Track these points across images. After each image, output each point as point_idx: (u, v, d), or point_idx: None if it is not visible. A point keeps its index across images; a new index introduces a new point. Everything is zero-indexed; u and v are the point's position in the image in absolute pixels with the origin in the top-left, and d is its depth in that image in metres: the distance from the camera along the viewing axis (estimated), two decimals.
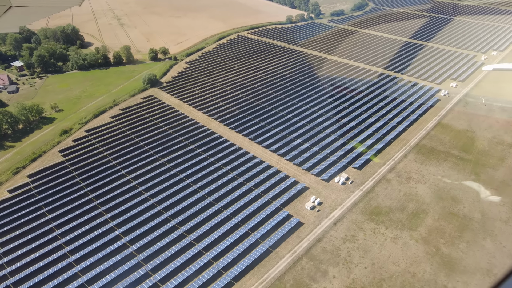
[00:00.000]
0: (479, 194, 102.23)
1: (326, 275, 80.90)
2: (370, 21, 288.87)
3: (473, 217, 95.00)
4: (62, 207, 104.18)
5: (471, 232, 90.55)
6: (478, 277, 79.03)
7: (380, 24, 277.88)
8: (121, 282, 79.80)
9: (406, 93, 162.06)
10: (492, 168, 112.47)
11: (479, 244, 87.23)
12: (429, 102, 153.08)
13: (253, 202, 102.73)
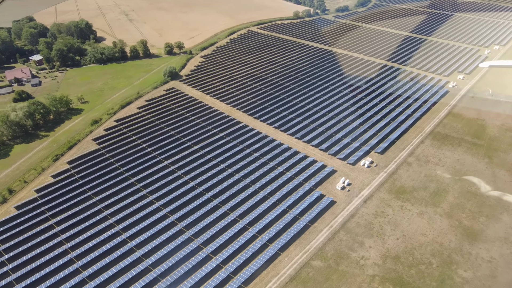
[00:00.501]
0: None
1: (362, 245, 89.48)
2: (375, 16, 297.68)
3: (489, 194, 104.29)
4: (107, 190, 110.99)
5: (489, 208, 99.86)
6: (498, 245, 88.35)
7: (384, 19, 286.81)
8: (174, 255, 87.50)
9: (417, 84, 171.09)
10: (503, 152, 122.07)
11: (496, 217, 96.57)
12: (439, 93, 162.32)
13: (287, 183, 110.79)
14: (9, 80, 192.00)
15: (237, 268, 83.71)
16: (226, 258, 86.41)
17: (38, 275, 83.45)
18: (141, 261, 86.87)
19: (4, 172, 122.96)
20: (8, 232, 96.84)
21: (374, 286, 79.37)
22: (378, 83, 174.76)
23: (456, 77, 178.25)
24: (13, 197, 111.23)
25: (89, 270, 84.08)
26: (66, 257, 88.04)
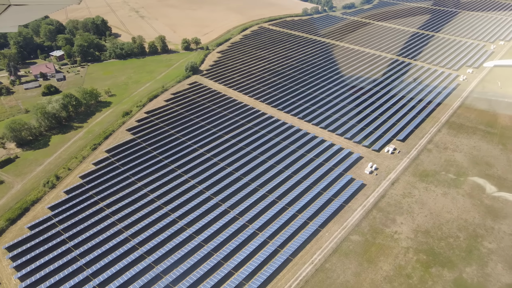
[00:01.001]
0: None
1: (394, 222, 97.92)
2: (383, 14, 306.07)
3: (507, 177, 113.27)
4: (149, 175, 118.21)
5: (507, 189, 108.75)
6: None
7: (391, 17, 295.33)
8: (224, 231, 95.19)
9: (429, 78, 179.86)
10: None
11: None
12: (451, 86, 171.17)
13: (317, 169, 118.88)
14: (35, 75, 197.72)
15: (283, 242, 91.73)
16: (272, 234, 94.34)
17: (100, 251, 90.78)
18: (211, 255, 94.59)
19: (48, 160, 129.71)
20: (62, 214, 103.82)
21: (409, 256, 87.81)
22: (392, 76, 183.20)
23: (465, 71, 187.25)
24: (60, 183, 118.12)
25: (152, 255, 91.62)
26: (122, 236, 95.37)
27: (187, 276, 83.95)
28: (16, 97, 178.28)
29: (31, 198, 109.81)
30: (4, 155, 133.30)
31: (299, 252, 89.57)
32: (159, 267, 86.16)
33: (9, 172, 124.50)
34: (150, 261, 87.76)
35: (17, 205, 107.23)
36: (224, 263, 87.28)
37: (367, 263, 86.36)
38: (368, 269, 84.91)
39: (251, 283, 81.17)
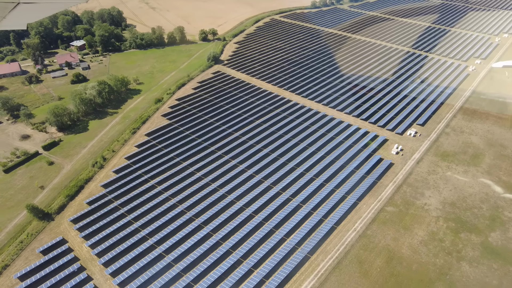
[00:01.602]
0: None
1: (423, 195, 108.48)
2: (389, 8, 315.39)
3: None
4: (192, 156, 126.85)
5: None
6: None
7: (399, 11, 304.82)
8: (270, 204, 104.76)
9: (441, 68, 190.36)
10: None
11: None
12: (461, 75, 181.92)
13: (348, 150, 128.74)
14: (60, 64, 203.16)
15: (326, 213, 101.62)
16: (314, 206, 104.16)
17: (159, 222, 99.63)
18: (262, 225, 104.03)
19: (90, 143, 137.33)
20: (116, 191, 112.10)
21: (440, 224, 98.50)
22: (407, 66, 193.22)
23: (474, 62, 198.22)
24: (107, 163, 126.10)
25: (209, 224, 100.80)
26: (177, 209, 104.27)
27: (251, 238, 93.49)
28: (46, 85, 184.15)
29: (84, 177, 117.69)
30: (48, 139, 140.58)
31: (342, 221, 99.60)
32: (215, 236, 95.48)
33: (56, 154, 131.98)
34: (209, 230, 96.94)
35: (72, 183, 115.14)
36: (276, 230, 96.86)
37: (403, 230, 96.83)
38: (405, 235, 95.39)
39: (303, 246, 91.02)
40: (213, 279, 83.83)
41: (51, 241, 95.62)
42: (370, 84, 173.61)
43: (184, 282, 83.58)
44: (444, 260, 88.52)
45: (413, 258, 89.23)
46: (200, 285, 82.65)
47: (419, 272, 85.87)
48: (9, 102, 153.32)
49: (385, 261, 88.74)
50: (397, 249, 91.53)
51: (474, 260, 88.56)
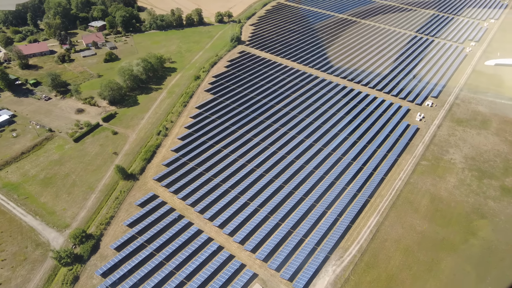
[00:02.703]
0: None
1: (448, 152, 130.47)
2: None
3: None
4: (246, 125, 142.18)
5: None
6: None
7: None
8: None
9: (442, 49, 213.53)
10: None
11: None
12: (461, 56, 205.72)
13: (379, 119, 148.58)
14: (86, 44, 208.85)
15: (375, 167, 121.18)
16: (363, 163, 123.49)
17: (236, 178, 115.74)
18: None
19: (146, 115, 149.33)
20: (187, 155, 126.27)
21: (466, 173, 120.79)
22: (413, 47, 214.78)
23: (469, 44, 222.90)
24: (170, 132, 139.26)
25: (280, 178, 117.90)
26: (247, 167, 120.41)
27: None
28: (79, 64, 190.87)
29: (153, 144, 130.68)
30: (102, 112, 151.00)
31: (388, 173, 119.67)
32: (287, 187, 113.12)
33: (116, 125, 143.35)
34: (281, 182, 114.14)
35: (144, 149, 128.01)
36: (336, 182, 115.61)
37: (438, 178, 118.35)
38: (440, 182, 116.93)
39: (363, 192, 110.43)
40: (294, 220, 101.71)
41: (144, 196, 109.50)
42: (385, 63, 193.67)
43: (272, 222, 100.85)
44: (474, 199, 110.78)
45: (450, 198, 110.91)
46: (286, 223, 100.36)
47: (457, 208, 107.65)
48: (57, 79, 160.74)
49: (429, 201, 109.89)
50: (436, 192, 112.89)
51: (496, 198, 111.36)
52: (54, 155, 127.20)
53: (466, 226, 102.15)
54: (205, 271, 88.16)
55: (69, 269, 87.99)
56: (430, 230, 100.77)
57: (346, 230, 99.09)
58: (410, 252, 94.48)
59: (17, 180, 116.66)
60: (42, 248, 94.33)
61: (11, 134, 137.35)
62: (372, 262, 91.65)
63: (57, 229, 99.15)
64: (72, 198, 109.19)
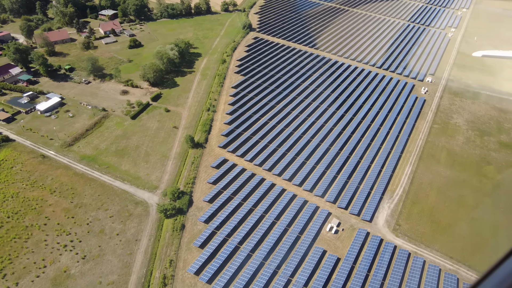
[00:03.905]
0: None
1: (452, 117, 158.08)
2: None
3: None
4: (282, 100, 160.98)
5: (508, 102, 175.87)
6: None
7: None
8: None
9: (429, 34, 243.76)
10: (500, 72, 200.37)
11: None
12: (445, 40, 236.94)
13: (392, 92, 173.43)
14: (105, 32, 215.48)
15: (399, 131, 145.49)
16: (389, 127, 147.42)
17: (279, 140, 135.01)
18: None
19: (190, 95, 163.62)
20: (239, 127, 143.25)
21: (469, 132, 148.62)
22: (404, 33, 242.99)
23: (450, 30, 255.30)
24: (217, 109, 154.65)
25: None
26: (287, 130, 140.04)
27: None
28: (105, 50, 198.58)
29: (207, 118, 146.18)
30: (147, 93, 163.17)
31: (411, 134, 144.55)
32: (324, 145, 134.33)
33: (164, 104, 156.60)
34: (328, 145, 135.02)
35: (201, 123, 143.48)
36: (372, 142, 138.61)
37: (449, 137, 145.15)
38: (452, 140, 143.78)
39: (395, 149, 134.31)
40: (348, 172, 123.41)
41: (216, 160, 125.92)
42: (385, 46, 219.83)
43: (331, 174, 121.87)
44: (480, 151, 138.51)
45: (462, 151, 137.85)
46: (342, 174, 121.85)
47: (468, 158, 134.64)
48: (96, 63, 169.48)
49: (446, 154, 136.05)
50: (450, 147, 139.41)
51: (496, 150, 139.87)
52: (117, 131, 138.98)
53: (478, 171, 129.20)
54: (288, 214, 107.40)
55: (174, 219, 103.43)
56: (452, 175, 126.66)
57: (389, 177, 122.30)
58: (441, 190, 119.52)
59: (92, 153, 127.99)
60: (142, 205, 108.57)
61: (67, 114, 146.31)
62: (415, 199, 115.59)
63: (148, 190, 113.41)
64: (151, 165, 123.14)
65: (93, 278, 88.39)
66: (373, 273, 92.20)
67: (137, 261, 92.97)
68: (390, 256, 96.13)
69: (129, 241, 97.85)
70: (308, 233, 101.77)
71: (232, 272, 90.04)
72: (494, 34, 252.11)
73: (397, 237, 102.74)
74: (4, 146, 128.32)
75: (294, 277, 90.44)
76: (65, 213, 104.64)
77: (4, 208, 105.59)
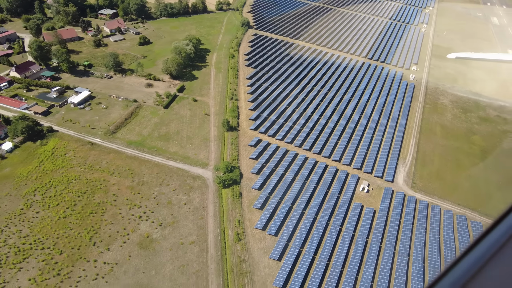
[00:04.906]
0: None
1: (439, 99, 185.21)
2: None
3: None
4: (294, 88, 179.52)
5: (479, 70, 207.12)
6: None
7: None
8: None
9: (406, 30, 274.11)
10: (470, 62, 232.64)
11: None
12: (420, 34, 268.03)
13: (384, 81, 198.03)
14: (110, 30, 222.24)
15: (399, 111, 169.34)
16: (390, 108, 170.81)
17: (291, 121, 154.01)
18: None
19: (211, 86, 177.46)
20: (262, 114, 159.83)
21: (455, 110, 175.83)
22: (385, 30, 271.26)
23: (422, 26, 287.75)
24: (239, 97, 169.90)
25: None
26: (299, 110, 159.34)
27: None
28: (116, 48, 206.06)
29: (234, 105, 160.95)
30: (171, 85, 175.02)
31: (409, 112, 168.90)
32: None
33: (191, 94, 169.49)
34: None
35: (229, 110, 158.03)
36: (379, 121, 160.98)
37: (440, 115, 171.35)
38: (442, 116, 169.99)
39: (399, 125, 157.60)
40: (367, 144, 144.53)
41: (251, 140, 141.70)
42: (371, 41, 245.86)
43: (353, 147, 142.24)
44: (465, 125, 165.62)
45: (452, 125, 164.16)
46: (362, 146, 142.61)
47: (457, 130, 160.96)
48: (117, 58, 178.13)
49: (440, 128, 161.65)
50: (442, 122, 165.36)
51: (477, 123, 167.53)
52: (154, 119, 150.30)
53: (467, 140, 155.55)
54: (325, 180, 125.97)
55: (232, 188, 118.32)
56: (448, 143, 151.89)
57: (400, 147, 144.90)
58: (442, 156, 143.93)
59: (136, 139, 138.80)
60: (199, 179, 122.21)
61: (101, 106, 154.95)
62: (423, 163, 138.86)
63: (201, 167, 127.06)
64: (196, 147, 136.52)
65: (175, 240, 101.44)
66: (403, 220, 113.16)
67: (210, 223, 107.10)
68: (414, 207, 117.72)
69: (197, 208, 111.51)
70: (346, 193, 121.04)
71: (292, 226, 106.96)
72: (458, 29, 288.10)
73: (416, 192, 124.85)
74: (50, 136, 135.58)
75: (343, 226, 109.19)
76: (130, 190, 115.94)
77: (71, 189, 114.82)
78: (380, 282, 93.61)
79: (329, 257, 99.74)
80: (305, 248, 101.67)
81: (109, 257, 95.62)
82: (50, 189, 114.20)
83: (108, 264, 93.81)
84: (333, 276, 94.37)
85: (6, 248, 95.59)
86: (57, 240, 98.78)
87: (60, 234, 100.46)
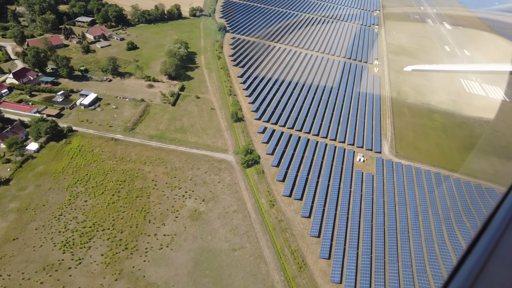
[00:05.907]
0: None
1: (401, 87, 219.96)
2: None
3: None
4: (277, 81, 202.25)
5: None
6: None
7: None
8: None
9: (361, 30, 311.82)
10: (420, 56, 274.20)
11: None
12: (374, 35, 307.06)
13: (356, 72, 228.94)
14: (95, 36, 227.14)
15: (372, 97, 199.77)
16: (364, 94, 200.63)
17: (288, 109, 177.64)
18: None
19: (208, 84, 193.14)
20: (263, 103, 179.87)
21: (416, 95, 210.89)
22: (344, 31, 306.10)
23: (375, 27, 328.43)
24: (236, 93, 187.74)
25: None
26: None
27: None
28: (105, 53, 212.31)
29: (234, 100, 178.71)
30: (171, 85, 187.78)
31: (380, 99, 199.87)
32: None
33: (192, 92, 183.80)
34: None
35: (231, 104, 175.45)
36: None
37: (405, 97, 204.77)
38: (407, 99, 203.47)
39: (375, 108, 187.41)
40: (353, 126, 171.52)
41: (258, 128, 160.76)
42: (335, 41, 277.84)
43: (334, 127, 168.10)
44: (426, 106, 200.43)
45: (415, 106, 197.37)
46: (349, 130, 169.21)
47: (420, 110, 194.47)
48: (115, 62, 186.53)
49: (407, 108, 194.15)
50: (408, 105, 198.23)
51: (434, 104, 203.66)
52: (166, 115, 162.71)
53: (429, 117, 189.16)
54: (328, 155, 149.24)
55: (254, 167, 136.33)
56: (416, 121, 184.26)
57: (380, 126, 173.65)
58: (414, 131, 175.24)
59: (156, 133, 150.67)
60: (224, 162, 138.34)
61: (111, 106, 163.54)
62: (401, 137, 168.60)
63: (222, 152, 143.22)
64: (212, 136, 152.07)
65: (220, 211, 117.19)
66: (396, 180, 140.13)
67: (245, 195, 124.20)
68: (402, 169, 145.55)
69: (230, 185, 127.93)
70: (347, 164, 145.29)
71: (313, 191, 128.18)
72: (403, 29, 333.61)
73: (400, 159, 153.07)
74: (71, 135, 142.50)
75: (352, 188, 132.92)
76: (167, 175, 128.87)
77: (110, 179, 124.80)
78: (389, 224, 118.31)
79: (347, 211, 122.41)
80: (326, 207, 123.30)
81: (167, 230, 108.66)
82: (90, 180, 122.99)
83: (168, 235, 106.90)
84: (354, 225, 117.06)
85: (69, 232, 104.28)
86: (114, 222, 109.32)
87: (115, 216, 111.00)
